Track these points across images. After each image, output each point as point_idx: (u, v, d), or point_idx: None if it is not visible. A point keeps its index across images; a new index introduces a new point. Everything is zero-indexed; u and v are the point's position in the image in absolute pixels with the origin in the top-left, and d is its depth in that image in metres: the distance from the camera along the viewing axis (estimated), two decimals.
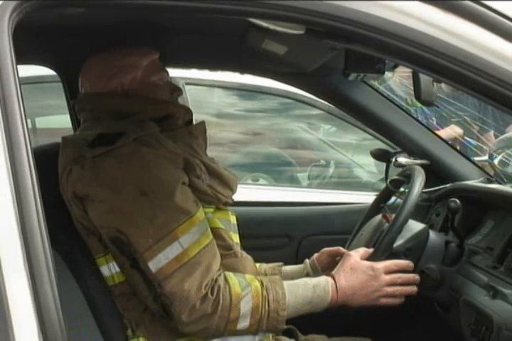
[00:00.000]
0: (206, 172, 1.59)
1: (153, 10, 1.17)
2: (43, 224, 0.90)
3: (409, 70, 1.67)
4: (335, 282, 1.58)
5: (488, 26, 1.08)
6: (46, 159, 1.42)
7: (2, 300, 0.87)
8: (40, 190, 0.91)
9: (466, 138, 3.95)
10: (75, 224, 1.56)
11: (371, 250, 1.70)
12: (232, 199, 1.66)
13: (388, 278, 1.62)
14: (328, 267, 1.77)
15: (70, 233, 1.56)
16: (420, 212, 2.24)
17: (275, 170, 4.15)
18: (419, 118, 2.70)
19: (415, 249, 1.79)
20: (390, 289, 1.62)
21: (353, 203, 2.59)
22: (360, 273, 1.61)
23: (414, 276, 1.66)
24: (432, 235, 1.83)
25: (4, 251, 0.88)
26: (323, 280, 1.59)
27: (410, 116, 2.42)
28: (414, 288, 1.66)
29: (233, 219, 1.66)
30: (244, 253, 1.66)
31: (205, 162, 1.60)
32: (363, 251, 1.69)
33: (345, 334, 1.83)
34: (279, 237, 2.07)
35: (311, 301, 1.56)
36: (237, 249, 1.64)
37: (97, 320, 1.56)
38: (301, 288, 1.56)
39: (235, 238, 1.65)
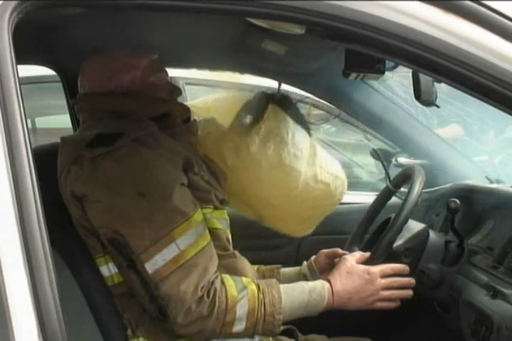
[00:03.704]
0: (206, 169, 1.59)
1: (153, 10, 1.17)
2: (43, 224, 0.90)
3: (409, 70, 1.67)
4: (331, 286, 1.59)
5: (488, 26, 1.08)
6: (46, 159, 1.42)
7: (2, 300, 0.87)
8: (40, 190, 0.91)
9: (466, 138, 3.95)
10: (74, 224, 1.56)
11: (367, 254, 1.70)
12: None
13: (384, 282, 1.62)
14: (326, 269, 1.78)
15: (70, 233, 1.56)
16: (420, 212, 2.24)
17: None
18: (419, 118, 2.69)
19: (415, 249, 1.79)
20: (385, 293, 1.62)
21: (353, 203, 2.59)
22: (356, 277, 1.61)
23: (410, 280, 1.66)
24: (432, 235, 1.83)
25: (4, 251, 0.88)
26: (320, 284, 1.59)
27: (410, 115, 2.42)
28: (409, 292, 1.66)
29: (228, 218, 1.66)
30: (237, 253, 1.66)
31: (204, 159, 1.61)
32: (358, 254, 1.70)
33: (346, 334, 1.84)
34: (279, 237, 2.07)
35: (307, 305, 1.56)
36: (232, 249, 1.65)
37: (97, 319, 1.56)
38: (298, 292, 1.56)
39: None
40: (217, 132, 1.76)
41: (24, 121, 0.91)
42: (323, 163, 1.80)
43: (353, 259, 1.66)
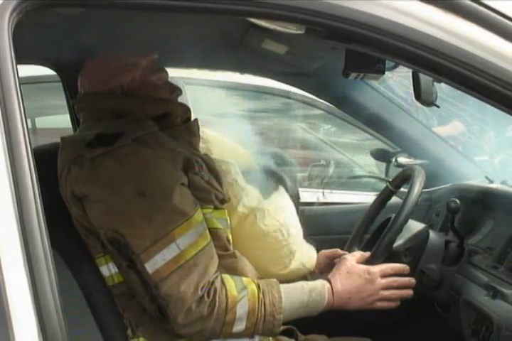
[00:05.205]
0: (206, 169, 1.59)
1: (153, 10, 1.17)
2: (43, 224, 0.90)
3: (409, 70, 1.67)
4: (331, 286, 1.59)
5: (488, 26, 1.08)
6: (46, 159, 1.42)
7: (2, 300, 0.87)
8: (40, 190, 0.91)
9: (466, 137, 3.95)
10: (74, 224, 1.56)
11: (367, 254, 1.70)
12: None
13: (384, 281, 1.63)
14: (326, 269, 1.78)
15: (70, 233, 1.56)
16: (420, 212, 2.24)
17: None
18: (419, 118, 2.70)
19: (415, 249, 1.79)
20: (385, 293, 1.63)
21: (353, 203, 2.59)
22: (356, 277, 1.61)
23: (410, 280, 1.66)
24: (432, 235, 1.83)
25: (4, 251, 0.88)
26: (320, 284, 1.60)
27: (410, 116, 2.42)
28: (409, 292, 1.66)
29: (229, 218, 1.66)
30: (238, 253, 1.66)
31: (204, 158, 1.61)
32: (358, 254, 1.70)
33: (345, 334, 1.83)
34: None
35: (307, 305, 1.56)
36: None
37: (97, 319, 1.56)
38: (298, 292, 1.56)
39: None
40: (241, 182, 1.71)
41: (24, 121, 0.91)
42: (306, 259, 1.75)
43: (353, 259, 1.66)
